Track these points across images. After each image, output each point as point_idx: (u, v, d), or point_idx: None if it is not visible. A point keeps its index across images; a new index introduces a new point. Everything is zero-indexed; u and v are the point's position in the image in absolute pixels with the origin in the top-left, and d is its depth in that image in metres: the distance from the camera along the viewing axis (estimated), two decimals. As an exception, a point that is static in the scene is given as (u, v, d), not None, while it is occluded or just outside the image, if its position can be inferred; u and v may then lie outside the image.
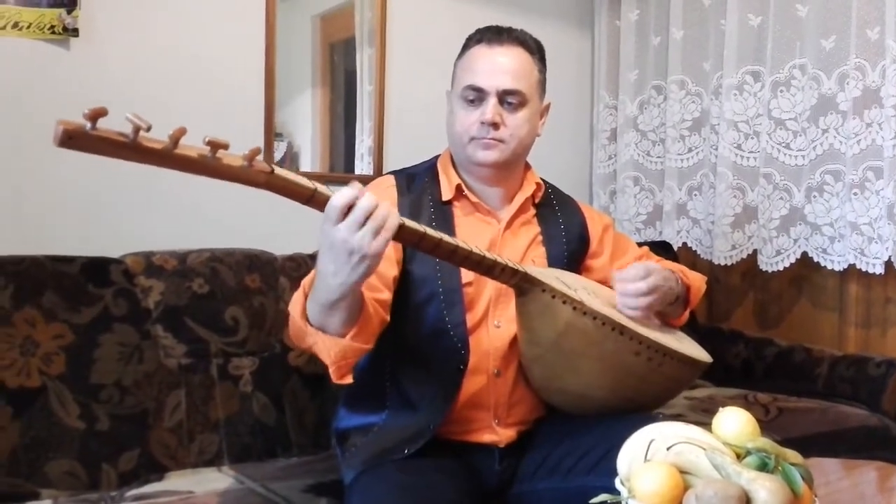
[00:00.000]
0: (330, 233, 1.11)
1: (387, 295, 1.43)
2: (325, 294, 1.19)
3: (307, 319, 1.26)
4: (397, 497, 1.33)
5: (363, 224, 1.10)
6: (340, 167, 2.50)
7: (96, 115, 0.89)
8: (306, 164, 2.42)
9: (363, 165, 2.52)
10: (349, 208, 1.10)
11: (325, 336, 1.25)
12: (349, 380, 1.30)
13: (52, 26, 1.95)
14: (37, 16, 1.92)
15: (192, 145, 0.98)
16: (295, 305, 1.29)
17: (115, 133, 0.92)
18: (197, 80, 2.19)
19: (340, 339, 1.25)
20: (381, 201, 1.12)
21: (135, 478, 1.68)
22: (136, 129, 0.92)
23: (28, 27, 1.92)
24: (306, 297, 1.26)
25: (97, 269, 1.79)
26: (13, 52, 1.93)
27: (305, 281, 1.28)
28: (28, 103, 1.95)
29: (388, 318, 1.42)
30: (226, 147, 1.00)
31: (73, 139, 0.89)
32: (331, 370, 1.28)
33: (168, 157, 0.97)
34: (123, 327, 1.76)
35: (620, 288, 1.51)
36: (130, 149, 0.93)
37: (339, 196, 1.10)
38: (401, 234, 1.21)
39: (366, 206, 1.10)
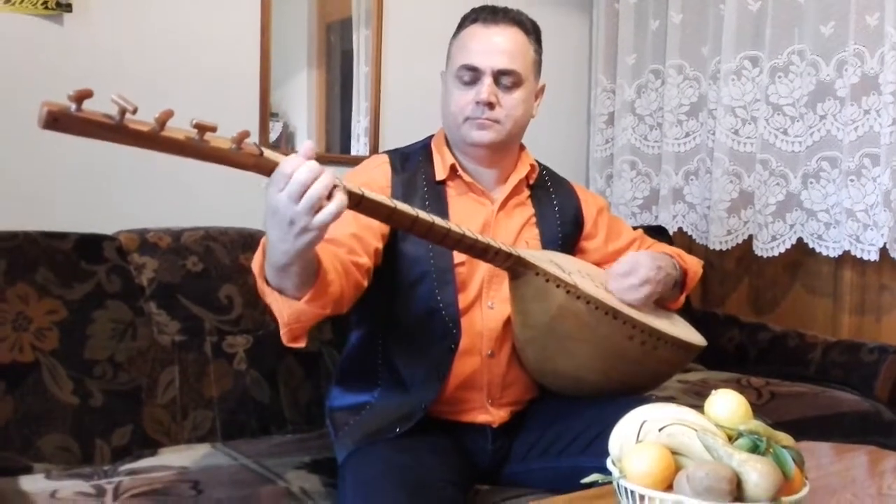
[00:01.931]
0: (272, 198, 1.05)
1: (366, 260, 1.40)
2: (274, 257, 1.14)
3: (265, 279, 1.21)
4: (390, 476, 1.33)
5: (301, 197, 1.03)
6: (337, 148, 2.49)
7: (81, 96, 0.88)
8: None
9: (359, 146, 2.51)
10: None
11: (280, 297, 1.20)
12: (302, 343, 1.25)
13: (45, 1, 1.92)
14: (31, -10, 1.91)
15: (180, 128, 0.97)
16: (254, 263, 1.24)
17: (101, 115, 0.91)
18: (192, 58, 2.17)
19: (295, 302, 1.19)
20: (328, 175, 1.05)
21: (128, 453, 1.68)
22: (122, 112, 0.91)
23: (21, 2, 1.90)
24: (265, 255, 1.19)
25: (91, 245, 1.78)
26: (5, 28, 1.91)
27: (264, 239, 1.19)
28: (20, 79, 1.93)
29: (364, 282, 1.39)
30: (213, 130, 0.98)
31: (57, 121, 0.88)
32: (282, 332, 1.23)
33: (154, 140, 0.95)
34: (117, 304, 1.76)
35: (616, 285, 1.51)
36: (116, 131, 0.92)
37: (287, 163, 1.04)
38: (393, 216, 1.21)
39: (301, 179, 1.03)
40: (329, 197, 1.05)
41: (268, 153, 1.05)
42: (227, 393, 1.84)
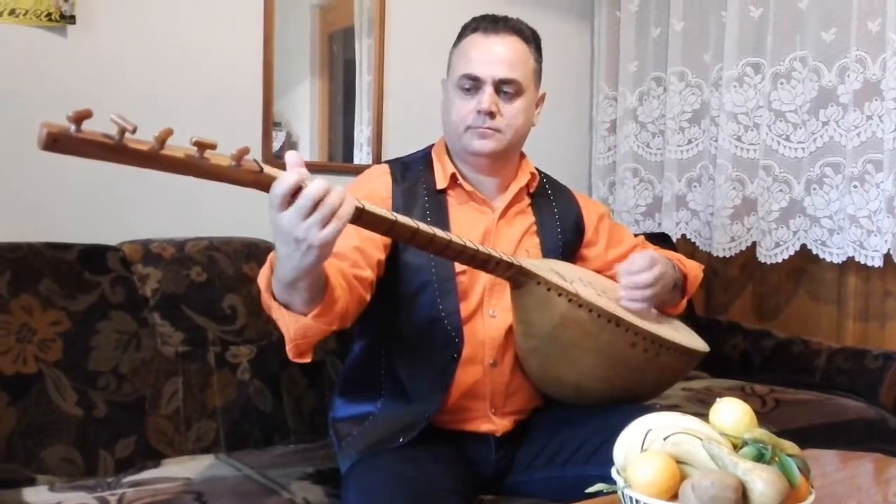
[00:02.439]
0: (275, 219, 1.05)
1: (369, 273, 1.40)
2: (283, 273, 1.14)
3: (272, 294, 1.21)
4: (393, 486, 1.33)
5: (311, 212, 1.03)
6: (339, 157, 2.50)
7: (81, 116, 0.88)
8: (305, 154, 2.42)
9: (362, 155, 2.51)
10: (293, 195, 1.04)
11: (287, 312, 1.20)
12: (307, 359, 1.26)
13: (49, 13, 1.93)
14: (34, 2, 1.91)
15: (179, 145, 0.96)
16: (262, 278, 1.24)
17: (100, 135, 0.90)
18: (195, 69, 2.18)
19: (302, 317, 1.20)
20: (334, 188, 1.06)
21: (131, 465, 1.68)
22: (122, 131, 0.90)
23: (25, 14, 1.91)
24: (272, 270, 1.20)
25: (94, 256, 1.79)
26: (9, 39, 1.91)
27: (272, 254, 1.19)
28: (24, 91, 1.94)
29: (367, 296, 1.39)
30: (213, 147, 0.98)
31: (57, 142, 0.88)
32: (288, 347, 1.23)
33: (154, 159, 0.95)
34: (120, 315, 1.76)
35: (627, 281, 1.50)
36: (116, 151, 0.92)
37: (280, 184, 1.03)
38: (393, 229, 1.20)
39: (313, 193, 1.03)
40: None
41: (268, 169, 1.05)
42: (230, 403, 1.83)
